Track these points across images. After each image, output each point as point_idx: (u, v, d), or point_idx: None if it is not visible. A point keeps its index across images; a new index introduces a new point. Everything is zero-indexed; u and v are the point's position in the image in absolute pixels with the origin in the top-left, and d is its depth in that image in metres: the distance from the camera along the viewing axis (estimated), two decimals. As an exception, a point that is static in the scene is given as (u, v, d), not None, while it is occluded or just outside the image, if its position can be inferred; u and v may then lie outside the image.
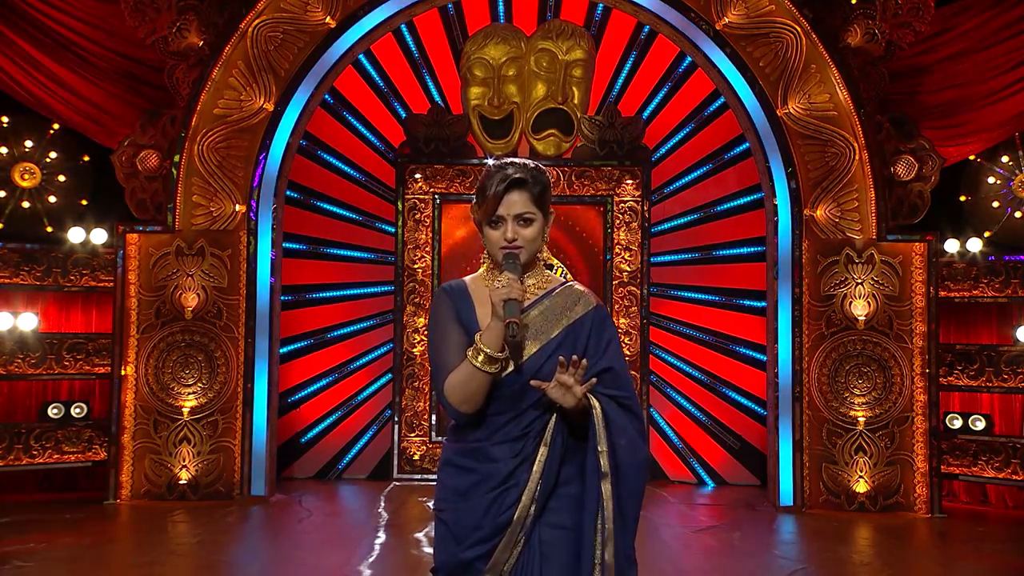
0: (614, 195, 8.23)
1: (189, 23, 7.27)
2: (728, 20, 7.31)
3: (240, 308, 7.27)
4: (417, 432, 8.18)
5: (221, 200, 7.32)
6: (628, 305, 8.20)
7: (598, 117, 8.26)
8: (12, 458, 7.08)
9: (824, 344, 7.22)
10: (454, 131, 8.22)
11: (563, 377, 2.23)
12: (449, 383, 2.34)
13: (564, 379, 2.23)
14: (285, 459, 8.09)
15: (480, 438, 2.37)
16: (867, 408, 7.16)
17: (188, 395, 7.21)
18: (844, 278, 7.24)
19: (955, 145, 7.84)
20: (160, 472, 7.17)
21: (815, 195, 7.29)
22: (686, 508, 7.38)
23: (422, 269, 8.26)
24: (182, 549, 6.03)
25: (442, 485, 2.44)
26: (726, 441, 8.21)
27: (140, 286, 7.23)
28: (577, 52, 8.17)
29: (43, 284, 7.32)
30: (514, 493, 2.32)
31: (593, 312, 2.43)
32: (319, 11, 7.35)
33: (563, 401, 2.25)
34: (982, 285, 7.41)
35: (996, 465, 7.21)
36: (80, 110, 7.74)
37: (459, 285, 2.49)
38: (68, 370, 7.31)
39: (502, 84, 8.23)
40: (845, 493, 7.14)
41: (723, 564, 5.86)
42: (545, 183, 2.43)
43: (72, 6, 7.61)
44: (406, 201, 8.27)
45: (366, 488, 7.92)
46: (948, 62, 7.78)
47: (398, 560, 5.72)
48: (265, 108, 7.33)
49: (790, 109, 7.31)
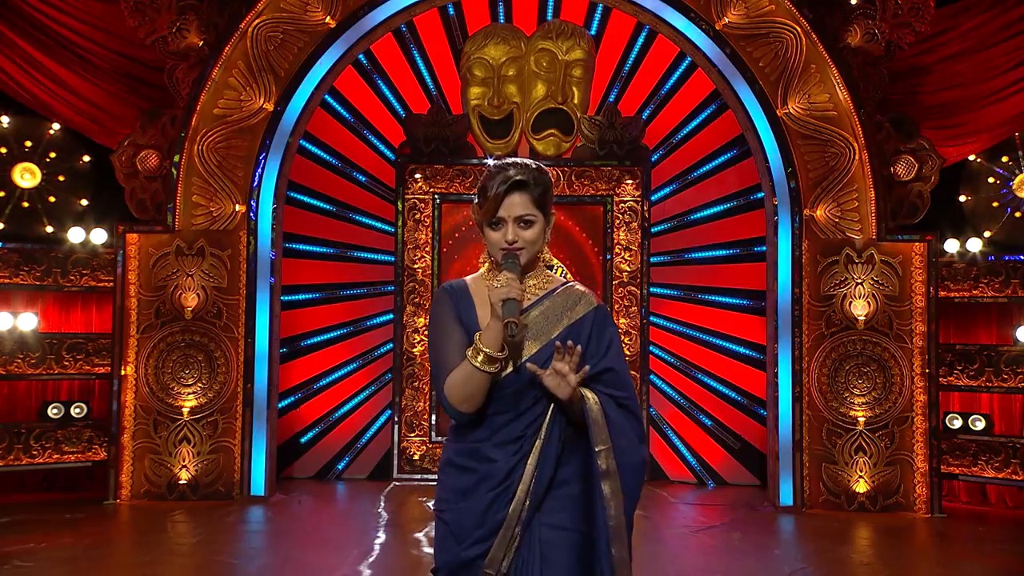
0: (614, 195, 8.23)
1: (189, 23, 7.27)
2: (728, 20, 7.31)
3: (240, 308, 7.27)
4: (417, 432, 8.18)
5: (221, 200, 7.31)
6: (628, 305, 8.20)
7: (598, 117, 8.26)
8: (12, 458, 7.08)
9: (824, 344, 7.22)
10: (454, 131, 8.21)
11: (559, 365, 2.23)
12: (449, 383, 2.34)
13: (559, 367, 2.23)
14: (285, 459, 8.09)
15: (480, 438, 2.37)
16: (867, 408, 7.17)
17: (188, 395, 7.21)
18: (844, 278, 7.24)
19: (955, 145, 7.84)
20: (160, 472, 7.17)
21: (815, 195, 7.29)
22: (686, 508, 7.39)
23: (422, 269, 8.26)
24: (182, 549, 6.03)
25: (443, 485, 2.44)
26: (726, 441, 8.21)
27: (140, 286, 7.23)
28: (577, 52, 8.17)
29: (43, 284, 7.32)
30: (512, 490, 2.32)
31: (594, 312, 2.43)
32: (319, 11, 7.34)
33: (558, 391, 2.25)
34: (982, 285, 7.40)
35: (996, 465, 7.21)
36: (80, 110, 7.74)
37: (460, 285, 2.48)
38: (68, 370, 7.31)
39: (502, 84, 8.23)
40: (845, 493, 7.14)
41: (723, 564, 5.86)
42: (547, 184, 2.42)
43: (72, 6, 7.60)
44: (406, 201, 8.27)
45: (366, 488, 7.92)
46: (948, 62, 7.78)
47: (398, 560, 5.73)
48: (265, 108, 7.33)
49: (790, 109, 7.31)
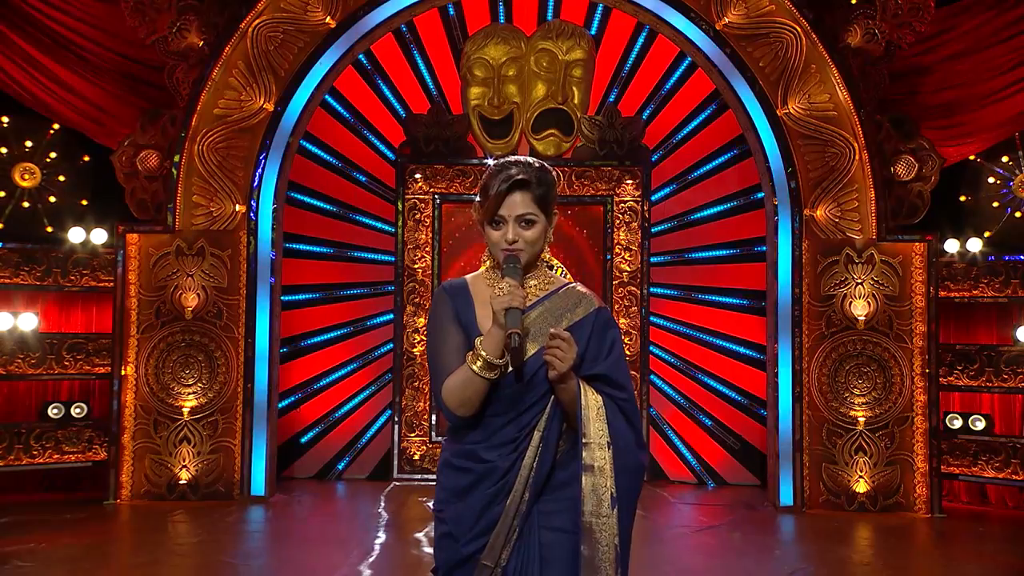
0: (614, 195, 8.23)
1: (189, 23, 7.27)
2: (728, 20, 7.31)
3: (240, 308, 7.27)
4: (417, 432, 8.18)
5: (221, 200, 7.31)
6: (628, 305, 8.20)
7: (598, 117, 8.26)
8: (12, 458, 7.08)
9: (824, 344, 7.22)
10: (454, 131, 8.21)
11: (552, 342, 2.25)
12: (447, 386, 2.33)
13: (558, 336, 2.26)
14: (285, 459, 8.09)
15: (476, 440, 2.36)
16: (867, 408, 7.17)
17: (188, 395, 7.21)
18: (844, 278, 7.24)
19: (955, 145, 7.84)
20: (160, 472, 7.17)
21: (815, 195, 7.29)
22: (686, 508, 7.39)
23: (422, 269, 8.26)
24: (182, 549, 6.03)
25: (441, 486, 2.43)
26: (726, 441, 8.21)
27: (140, 286, 7.23)
28: (577, 52, 8.17)
29: (43, 284, 7.32)
30: (510, 484, 2.31)
31: (595, 314, 2.41)
32: (319, 11, 7.34)
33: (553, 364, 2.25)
34: (982, 285, 7.40)
35: (996, 465, 7.21)
36: (80, 110, 7.74)
37: (460, 284, 2.47)
38: (68, 370, 7.30)
39: (502, 84, 8.23)
40: (845, 493, 7.14)
41: (723, 564, 5.86)
42: (549, 184, 2.41)
43: (72, 6, 7.60)
44: (406, 201, 8.27)
45: (366, 488, 7.92)
46: (948, 62, 7.78)
47: (398, 560, 5.73)
48: (265, 108, 7.33)
49: (790, 109, 7.31)
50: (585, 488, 2.28)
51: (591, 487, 2.28)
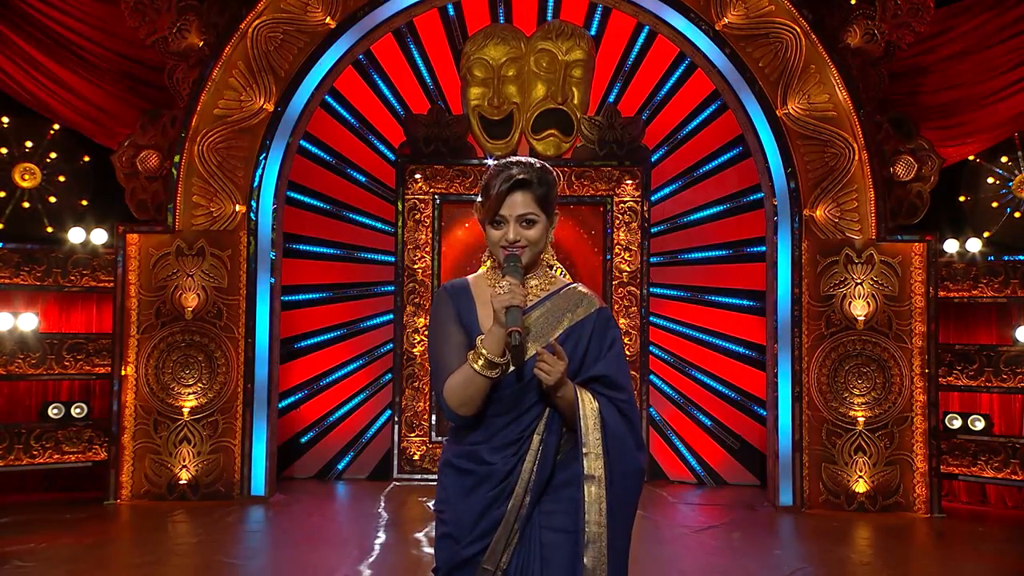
0: (614, 195, 8.23)
1: (189, 23, 7.27)
2: (728, 20, 7.31)
3: (240, 308, 7.28)
4: (417, 432, 8.18)
5: (221, 200, 7.32)
6: (628, 305, 8.20)
7: (598, 117, 8.26)
8: (12, 458, 7.08)
9: (824, 344, 7.22)
10: (454, 131, 8.22)
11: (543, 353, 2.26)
12: (448, 386, 2.34)
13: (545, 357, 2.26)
14: (285, 459, 8.09)
15: (478, 440, 2.37)
16: (867, 408, 7.17)
17: (188, 395, 7.21)
18: (844, 278, 7.24)
19: (955, 145, 7.84)
20: (160, 472, 7.17)
21: (815, 195, 7.30)
22: (686, 508, 7.39)
23: (422, 269, 8.26)
24: (182, 549, 6.03)
25: (442, 486, 2.44)
26: (726, 441, 8.21)
27: (140, 286, 7.23)
28: (577, 52, 8.17)
29: (43, 284, 7.32)
30: (511, 487, 2.32)
31: (596, 315, 2.42)
32: (319, 11, 7.35)
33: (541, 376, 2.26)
34: (981, 285, 7.41)
35: (995, 465, 7.22)
36: (80, 110, 7.73)
37: (461, 284, 2.48)
38: (68, 370, 7.30)
39: (502, 84, 8.23)
40: (845, 493, 7.14)
41: (723, 564, 5.87)
42: (550, 184, 2.42)
43: (72, 6, 7.60)
44: (406, 201, 8.27)
45: (366, 488, 7.92)
46: (948, 63, 7.78)
47: (398, 560, 5.73)
48: (265, 108, 7.34)
49: (790, 109, 7.31)
50: (587, 497, 2.29)
51: (593, 496, 2.30)
